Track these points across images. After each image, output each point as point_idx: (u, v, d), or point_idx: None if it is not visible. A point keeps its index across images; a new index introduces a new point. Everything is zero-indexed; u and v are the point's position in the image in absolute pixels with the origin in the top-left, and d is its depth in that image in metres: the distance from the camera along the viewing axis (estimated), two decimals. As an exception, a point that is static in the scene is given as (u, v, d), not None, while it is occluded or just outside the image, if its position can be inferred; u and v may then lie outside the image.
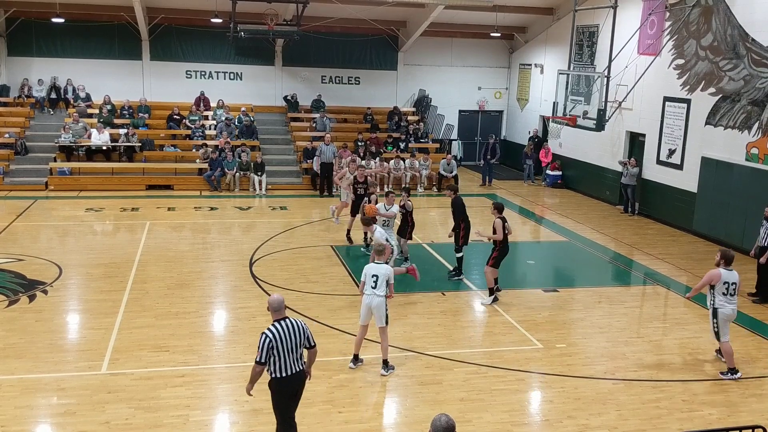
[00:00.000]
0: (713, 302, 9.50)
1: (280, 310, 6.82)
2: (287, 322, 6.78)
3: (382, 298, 9.01)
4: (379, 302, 9.01)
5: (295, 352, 6.75)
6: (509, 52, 27.62)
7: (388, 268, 9.12)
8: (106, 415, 7.85)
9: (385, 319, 9.08)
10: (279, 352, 6.65)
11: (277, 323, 6.75)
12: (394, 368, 9.25)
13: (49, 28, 22.98)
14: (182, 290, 12.20)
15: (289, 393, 6.89)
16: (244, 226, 17.20)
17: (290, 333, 6.71)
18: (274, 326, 6.72)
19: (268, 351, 6.63)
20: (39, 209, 18.11)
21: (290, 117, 25.09)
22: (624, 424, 8.12)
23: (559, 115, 20.52)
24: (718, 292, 9.44)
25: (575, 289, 13.12)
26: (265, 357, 6.63)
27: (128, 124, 22.90)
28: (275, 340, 6.63)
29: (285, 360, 6.69)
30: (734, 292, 9.45)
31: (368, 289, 9.07)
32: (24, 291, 11.82)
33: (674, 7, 17.88)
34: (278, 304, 6.83)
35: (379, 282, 9.00)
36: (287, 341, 6.67)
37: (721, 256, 9.59)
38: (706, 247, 16.32)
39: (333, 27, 23.81)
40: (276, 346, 6.64)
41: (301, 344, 6.81)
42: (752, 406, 8.68)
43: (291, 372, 6.75)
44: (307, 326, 6.95)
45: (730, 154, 16.17)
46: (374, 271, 9.08)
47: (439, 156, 23.60)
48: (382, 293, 9.01)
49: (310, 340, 6.91)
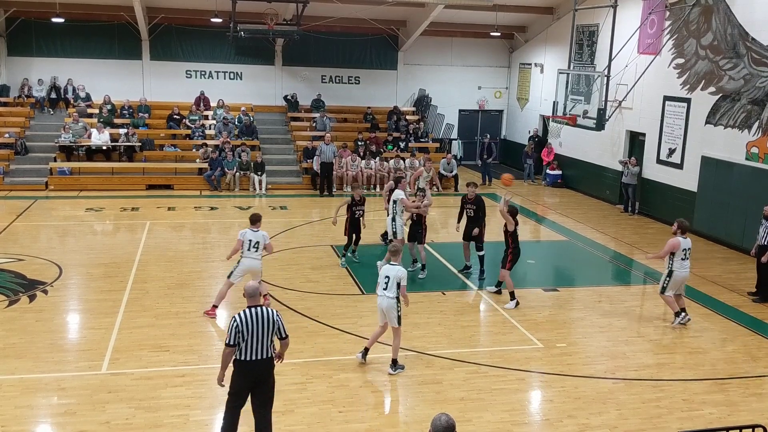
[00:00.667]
0: (671, 266, 10.98)
1: (254, 297, 7.03)
2: (259, 309, 6.94)
3: (392, 300, 9.06)
4: (389, 304, 9.08)
5: (263, 339, 6.89)
6: (509, 52, 27.62)
7: (400, 269, 9.16)
8: (106, 415, 7.86)
9: (396, 320, 9.14)
10: (245, 336, 6.83)
11: (248, 309, 6.94)
12: (404, 368, 9.27)
13: (49, 28, 22.98)
14: (182, 290, 12.21)
15: (250, 378, 6.98)
16: (245, 225, 17.12)
17: (259, 320, 6.87)
18: (244, 312, 6.92)
19: (237, 335, 6.81)
20: (39, 209, 18.11)
21: (290, 117, 25.09)
22: (624, 424, 8.13)
23: (559, 114, 20.51)
24: (678, 258, 10.97)
25: (575, 288, 13.12)
26: (233, 340, 6.83)
27: (128, 123, 22.90)
28: (242, 324, 6.81)
29: (250, 345, 6.85)
30: (688, 256, 11.06)
31: (380, 290, 9.17)
32: (24, 291, 11.83)
33: (674, 7, 17.88)
34: (252, 290, 7.05)
35: (390, 283, 9.07)
36: (255, 327, 6.84)
37: (678, 226, 11.19)
38: (706, 247, 16.32)
39: (333, 26, 23.81)
40: (242, 331, 6.82)
41: (270, 333, 6.94)
42: (752, 406, 8.68)
43: (255, 357, 6.88)
44: (281, 318, 7.06)
45: (730, 154, 16.16)
46: (387, 272, 9.18)
47: (439, 155, 23.59)
48: (393, 295, 9.05)
49: (281, 331, 7.03)
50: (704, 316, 11.88)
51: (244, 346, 6.86)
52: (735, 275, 14.18)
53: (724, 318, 11.73)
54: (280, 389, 8.57)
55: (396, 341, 9.25)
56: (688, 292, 13.15)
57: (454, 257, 14.08)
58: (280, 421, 7.90)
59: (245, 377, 6.97)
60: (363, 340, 10.18)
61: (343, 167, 21.73)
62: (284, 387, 8.68)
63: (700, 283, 13.58)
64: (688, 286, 13.52)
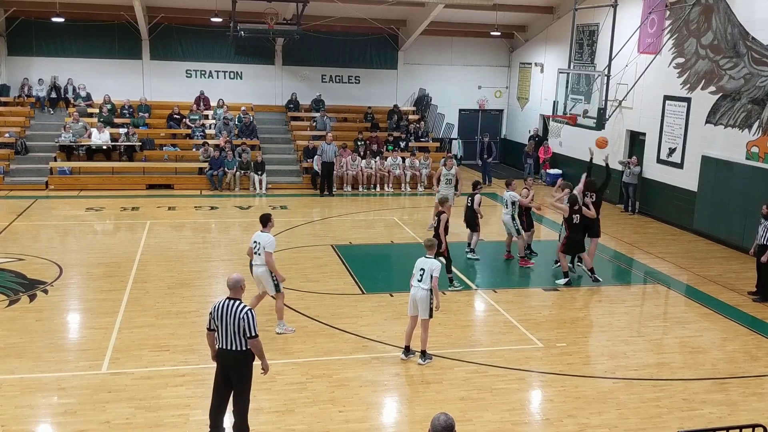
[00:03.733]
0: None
1: (235, 289, 7.16)
2: (230, 302, 7.07)
3: (426, 292, 9.21)
4: (423, 295, 9.24)
5: (229, 331, 7.02)
6: (509, 51, 27.62)
7: (435, 262, 9.36)
8: (106, 415, 7.86)
9: (428, 312, 9.29)
10: (219, 324, 7.06)
11: (225, 299, 7.12)
12: (432, 359, 9.46)
13: (49, 27, 22.99)
14: (183, 289, 12.21)
15: (221, 364, 7.18)
16: (245, 225, 17.19)
17: (227, 313, 7.01)
18: (221, 301, 7.12)
19: (211, 321, 7.12)
20: (39, 209, 18.12)
21: (290, 116, 25.09)
22: (624, 423, 8.13)
23: (560, 114, 20.49)
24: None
25: (576, 288, 13.11)
26: (210, 324, 7.13)
27: (128, 123, 22.90)
28: (214, 312, 7.08)
29: (221, 334, 7.08)
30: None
31: (414, 281, 9.33)
32: (24, 290, 11.83)
33: (674, 6, 17.88)
34: (232, 283, 7.18)
35: (424, 275, 9.22)
36: (223, 318, 7.03)
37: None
38: (706, 246, 16.33)
39: (333, 26, 23.82)
40: (214, 318, 7.08)
41: (236, 327, 7.02)
42: (752, 405, 8.68)
43: (225, 346, 7.08)
44: (251, 317, 7.03)
45: (730, 153, 16.16)
46: (422, 264, 9.35)
47: (440, 155, 23.57)
48: (427, 287, 9.20)
49: (248, 331, 7.03)
50: (704, 315, 11.88)
51: (218, 334, 7.10)
52: (735, 275, 14.18)
53: (724, 317, 11.73)
54: (281, 389, 8.62)
55: (424, 334, 9.40)
56: (688, 292, 13.17)
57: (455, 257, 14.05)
58: (280, 420, 7.91)
59: (219, 363, 7.22)
60: (363, 339, 10.20)
61: (343, 167, 21.73)
62: (284, 387, 8.69)
63: (701, 283, 13.58)
64: (689, 285, 13.56)
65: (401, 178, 22.26)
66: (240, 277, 7.22)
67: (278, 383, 8.77)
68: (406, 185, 22.23)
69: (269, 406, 8.19)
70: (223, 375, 7.18)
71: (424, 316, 9.32)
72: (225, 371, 7.17)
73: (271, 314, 11.11)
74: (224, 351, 7.10)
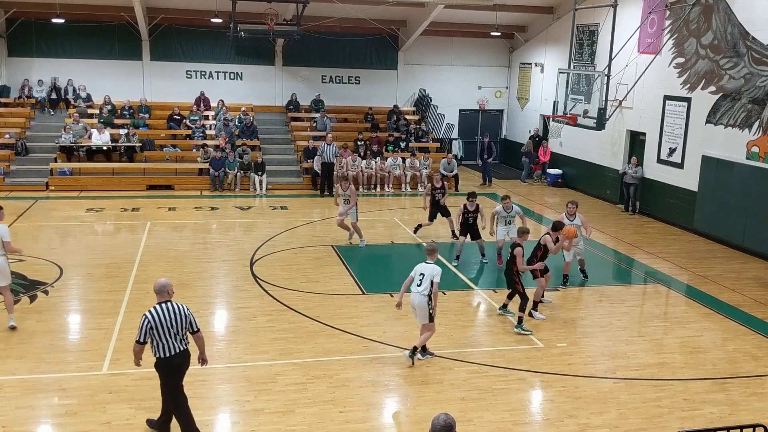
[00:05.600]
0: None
1: (162, 293, 7.15)
2: (169, 305, 7.09)
3: (425, 297, 9.18)
4: (420, 300, 9.21)
5: (178, 333, 7.07)
6: (509, 51, 27.62)
7: (436, 268, 9.28)
8: (107, 416, 7.86)
9: (428, 317, 9.27)
10: (160, 333, 6.98)
11: (158, 305, 7.07)
12: (433, 355, 9.53)
13: (49, 28, 23.00)
14: (183, 290, 12.18)
15: (176, 370, 7.19)
16: (245, 225, 17.20)
17: (170, 315, 7.02)
18: (155, 308, 7.05)
19: (148, 332, 6.98)
20: (40, 210, 18.12)
21: (290, 117, 25.09)
22: (625, 423, 8.12)
23: (560, 114, 20.52)
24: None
25: (576, 288, 13.10)
26: (143, 337, 7.01)
27: (128, 124, 22.92)
28: (154, 321, 6.97)
29: (167, 341, 7.01)
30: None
31: (414, 286, 9.27)
32: (25, 291, 11.83)
33: (674, 6, 17.88)
34: (160, 287, 7.17)
35: (424, 280, 9.18)
36: (167, 322, 6.99)
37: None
38: (706, 246, 16.33)
39: (333, 26, 23.82)
40: (155, 327, 6.97)
41: (182, 327, 7.10)
42: (753, 405, 8.68)
43: (174, 351, 7.07)
44: (191, 312, 7.20)
45: (730, 153, 16.16)
46: (422, 269, 9.29)
47: (440, 155, 23.60)
48: (426, 292, 9.16)
49: (193, 325, 7.18)
50: (705, 315, 11.88)
51: (161, 343, 7.01)
52: (736, 274, 14.17)
53: (724, 317, 11.72)
54: (281, 390, 8.62)
55: (426, 334, 9.41)
56: (689, 292, 13.17)
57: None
58: (281, 421, 7.91)
59: (174, 372, 7.17)
60: (363, 340, 10.20)
61: (343, 167, 21.73)
62: (285, 387, 8.69)
63: (701, 283, 13.58)
64: (689, 285, 13.55)
65: (401, 178, 22.27)
66: (167, 282, 7.28)
67: (279, 384, 8.77)
68: (406, 186, 22.24)
69: (269, 407, 8.19)
70: (180, 377, 7.24)
71: (425, 321, 9.31)
72: (180, 371, 7.22)
73: (271, 314, 11.13)
74: (179, 353, 7.10)
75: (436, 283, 9.19)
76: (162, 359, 7.06)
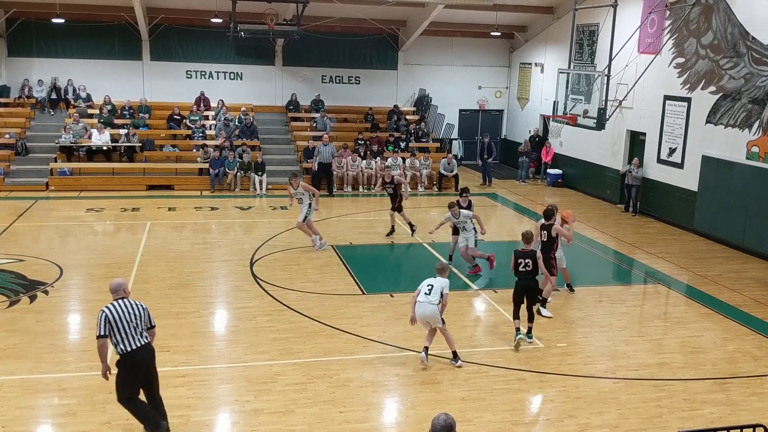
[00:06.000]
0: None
1: (118, 291, 7.26)
2: (125, 300, 7.22)
3: (434, 307, 9.16)
4: (432, 310, 9.18)
5: (138, 327, 7.16)
6: (509, 51, 27.62)
7: (445, 281, 9.32)
8: (107, 416, 7.85)
9: (441, 321, 9.31)
10: (119, 327, 7.06)
11: (114, 302, 7.18)
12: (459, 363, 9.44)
13: (49, 28, 23.01)
14: (183, 290, 12.21)
15: (139, 366, 7.22)
16: (245, 226, 17.20)
17: (128, 310, 7.13)
18: (112, 304, 7.16)
19: (107, 325, 7.05)
20: (39, 210, 18.12)
21: (290, 117, 25.09)
22: (625, 423, 8.12)
23: (560, 114, 20.52)
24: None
25: (576, 288, 13.09)
26: (104, 330, 7.04)
27: (128, 124, 22.92)
28: (111, 315, 7.06)
29: (128, 335, 7.09)
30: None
31: (422, 296, 9.21)
32: (25, 291, 11.83)
33: (674, 6, 17.88)
34: (116, 286, 7.30)
35: (434, 290, 9.19)
36: (125, 316, 7.09)
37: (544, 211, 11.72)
38: (706, 246, 16.32)
39: (333, 26, 23.82)
40: (113, 321, 7.05)
41: (141, 322, 7.20)
42: (753, 405, 8.67)
43: (137, 345, 7.13)
44: (147, 308, 7.33)
45: (730, 153, 16.16)
46: (430, 282, 9.29)
47: (440, 155, 23.60)
48: (435, 301, 9.15)
49: (150, 320, 7.33)
50: (705, 315, 11.88)
51: (122, 337, 7.06)
52: (736, 274, 14.17)
53: (724, 317, 11.72)
54: (281, 390, 8.61)
55: (449, 338, 9.42)
56: (689, 292, 13.16)
57: (455, 257, 14.07)
58: (281, 421, 7.91)
59: (134, 369, 7.19)
60: (363, 340, 10.19)
61: (343, 167, 21.73)
62: (285, 387, 8.69)
63: (701, 283, 13.57)
64: (689, 285, 13.55)
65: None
66: (123, 281, 7.40)
67: (279, 384, 8.77)
68: (406, 186, 22.20)
69: (269, 407, 8.19)
70: (140, 374, 7.25)
71: (439, 325, 9.33)
72: (142, 371, 7.25)
73: (271, 314, 11.13)
74: (142, 348, 7.15)
75: (446, 294, 9.23)
76: (126, 354, 7.09)
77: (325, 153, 20.91)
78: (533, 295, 10.25)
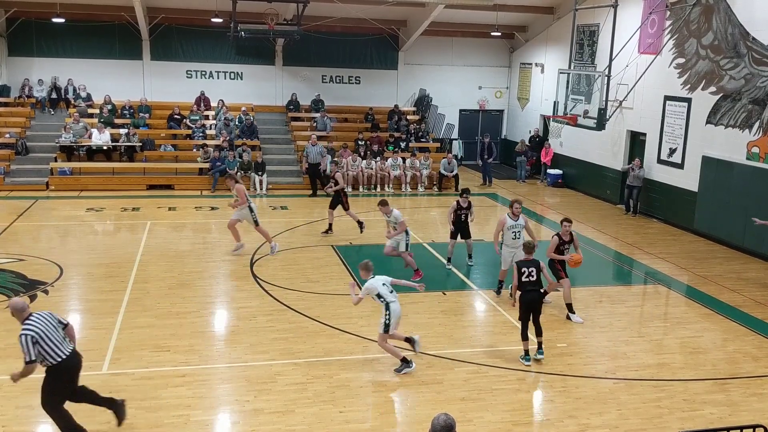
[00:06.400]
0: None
1: (25, 310, 7.13)
2: (36, 314, 7.14)
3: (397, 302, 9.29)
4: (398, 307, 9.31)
5: (58, 334, 7.15)
6: (510, 52, 27.62)
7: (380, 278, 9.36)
8: (107, 415, 7.84)
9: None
10: (46, 341, 7.00)
11: (27, 320, 7.06)
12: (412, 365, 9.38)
13: (49, 28, 23.00)
14: (183, 290, 12.21)
15: (72, 372, 7.25)
16: (245, 225, 17.17)
17: (44, 321, 7.08)
18: (28, 323, 7.02)
19: (35, 347, 6.93)
20: (40, 209, 18.12)
21: (291, 117, 25.09)
22: (625, 423, 8.12)
23: (560, 114, 20.49)
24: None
25: (576, 288, 13.07)
26: (33, 355, 6.92)
27: (129, 123, 22.91)
28: (36, 334, 6.95)
29: (56, 345, 7.05)
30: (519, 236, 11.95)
31: (392, 297, 9.20)
32: (25, 291, 11.83)
33: (675, 6, 17.88)
34: (21, 305, 7.16)
35: (390, 287, 9.27)
36: (46, 329, 7.04)
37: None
38: (707, 246, 16.32)
39: (333, 26, 23.82)
40: (41, 338, 6.96)
41: (57, 326, 7.19)
42: (753, 406, 8.68)
43: (66, 353, 7.12)
44: (50, 311, 7.35)
45: (730, 153, 16.16)
46: (383, 280, 9.28)
47: (440, 155, 23.59)
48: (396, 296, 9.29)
49: (61, 320, 7.33)
50: (705, 316, 11.88)
51: (50, 349, 6.99)
52: (736, 275, 14.17)
53: (725, 318, 11.72)
54: (281, 390, 8.61)
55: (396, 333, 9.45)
56: (689, 292, 13.16)
57: (455, 257, 14.06)
58: (281, 421, 7.91)
59: (66, 376, 7.18)
60: (363, 340, 10.19)
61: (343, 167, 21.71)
62: (285, 387, 8.69)
63: (701, 283, 13.57)
64: (689, 286, 13.55)
65: (401, 178, 22.26)
66: (23, 301, 7.35)
67: (279, 384, 8.77)
68: (406, 186, 22.22)
69: (269, 407, 8.19)
70: (74, 379, 7.28)
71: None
72: (77, 374, 7.29)
73: (271, 314, 11.13)
74: (70, 356, 7.15)
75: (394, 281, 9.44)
76: (61, 362, 7.05)
77: (312, 153, 20.91)
78: (539, 308, 9.82)
